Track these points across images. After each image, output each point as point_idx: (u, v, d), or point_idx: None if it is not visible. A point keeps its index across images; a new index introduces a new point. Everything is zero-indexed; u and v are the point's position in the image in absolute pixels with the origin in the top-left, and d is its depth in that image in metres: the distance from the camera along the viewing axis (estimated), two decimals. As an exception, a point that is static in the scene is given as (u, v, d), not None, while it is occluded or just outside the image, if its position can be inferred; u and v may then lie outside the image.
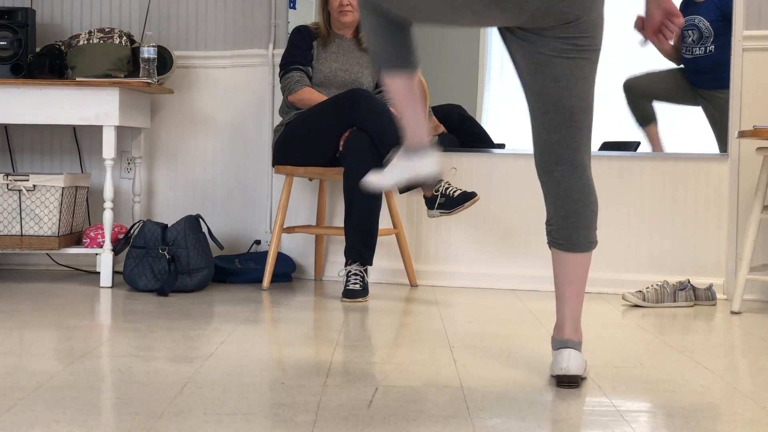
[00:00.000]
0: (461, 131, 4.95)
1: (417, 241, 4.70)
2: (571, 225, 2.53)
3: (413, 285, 4.61)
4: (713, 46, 4.73)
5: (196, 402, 2.29)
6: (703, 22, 4.70)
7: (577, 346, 2.52)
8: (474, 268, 4.67)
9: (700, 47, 4.74)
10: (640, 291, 4.13)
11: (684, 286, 4.16)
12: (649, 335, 3.40)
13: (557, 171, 2.54)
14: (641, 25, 2.59)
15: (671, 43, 2.58)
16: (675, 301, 4.13)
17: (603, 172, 4.60)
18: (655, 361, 2.92)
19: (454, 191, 3.99)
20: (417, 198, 4.63)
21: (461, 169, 4.67)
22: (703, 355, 3.03)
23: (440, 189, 4.01)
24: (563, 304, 2.55)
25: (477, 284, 4.64)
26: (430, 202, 4.03)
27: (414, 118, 2.64)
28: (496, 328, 3.46)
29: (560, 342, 2.53)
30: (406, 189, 2.48)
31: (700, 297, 4.20)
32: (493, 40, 5.02)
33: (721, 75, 4.78)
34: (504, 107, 5.06)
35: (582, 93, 2.49)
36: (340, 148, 4.17)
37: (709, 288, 4.24)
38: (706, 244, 4.54)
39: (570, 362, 2.48)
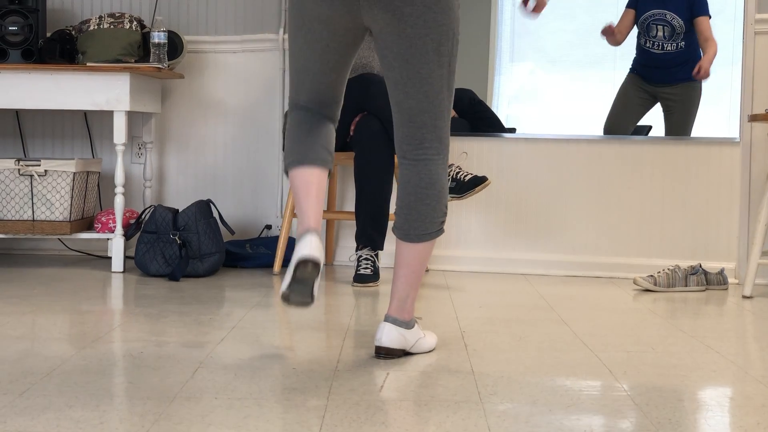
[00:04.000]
0: (472, 116, 4.94)
1: (428, 226, 4.69)
2: (404, 216, 2.62)
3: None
4: (683, 43, 4.75)
5: (208, 386, 2.30)
6: (676, 20, 4.72)
7: (397, 322, 2.63)
8: (485, 253, 4.67)
9: (671, 43, 4.76)
10: (652, 275, 4.13)
11: (695, 271, 4.15)
12: (660, 320, 3.40)
13: (402, 163, 2.63)
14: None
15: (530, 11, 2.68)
16: (686, 286, 4.13)
17: (614, 157, 4.59)
18: (666, 346, 2.92)
19: (465, 176, 3.99)
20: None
21: (472, 154, 4.66)
22: (714, 340, 3.03)
23: (451, 173, 4.01)
24: (394, 283, 2.65)
25: (488, 269, 4.64)
26: (441, 187, 4.03)
27: (302, 208, 2.59)
28: (507, 313, 3.46)
29: (385, 316, 2.65)
30: (293, 283, 2.38)
31: (711, 281, 4.19)
32: (504, 25, 5.00)
33: (692, 66, 4.80)
34: (515, 92, 5.05)
35: (421, 95, 2.56)
36: (351, 133, 4.17)
37: (721, 272, 4.23)
38: (718, 228, 4.53)
39: (383, 335, 2.63)
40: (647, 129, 4.91)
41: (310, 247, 2.44)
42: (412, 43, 2.52)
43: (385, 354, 2.63)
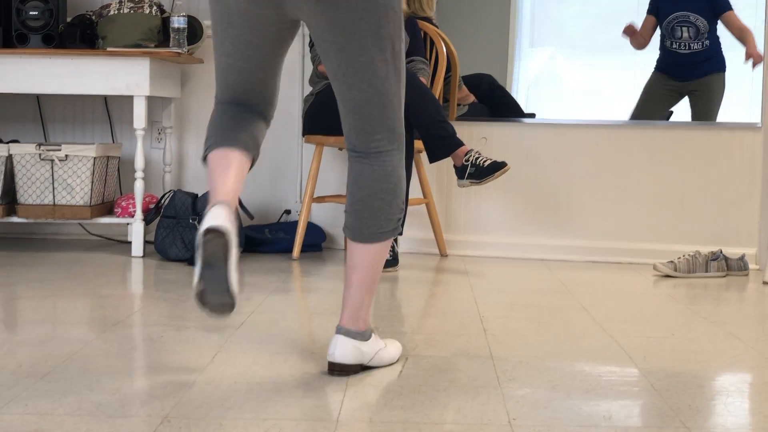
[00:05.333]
0: (491, 101, 4.93)
1: (447, 211, 4.70)
2: (355, 213, 2.32)
3: (443, 255, 4.61)
4: (708, 41, 4.83)
5: (227, 371, 2.31)
6: (700, 20, 4.81)
7: (350, 334, 2.32)
8: (504, 238, 4.66)
9: (697, 42, 4.84)
10: (672, 261, 4.11)
11: (716, 257, 4.13)
12: (680, 306, 3.39)
13: (352, 157, 2.36)
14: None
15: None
16: (707, 272, 4.11)
17: (635, 142, 4.57)
18: (686, 332, 2.91)
19: (485, 161, 3.98)
20: (447, 168, 4.62)
21: (491, 139, 4.65)
22: (734, 326, 3.02)
23: (470, 159, 4.00)
24: (346, 289, 2.35)
25: (507, 254, 4.63)
26: (460, 172, 4.03)
27: (214, 184, 2.28)
28: (526, 299, 3.46)
29: (337, 328, 2.35)
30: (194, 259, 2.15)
31: (732, 267, 4.18)
32: (524, 9, 4.98)
33: (715, 59, 4.90)
34: (535, 76, 5.03)
35: (364, 84, 2.27)
36: (370, 118, 4.16)
37: (742, 258, 4.21)
38: (739, 214, 4.50)
39: (335, 349, 2.31)
40: (668, 114, 4.89)
41: (214, 217, 2.11)
42: (346, 30, 2.23)
43: (339, 371, 2.31)
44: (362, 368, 2.34)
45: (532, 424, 1.93)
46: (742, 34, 4.87)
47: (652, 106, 4.98)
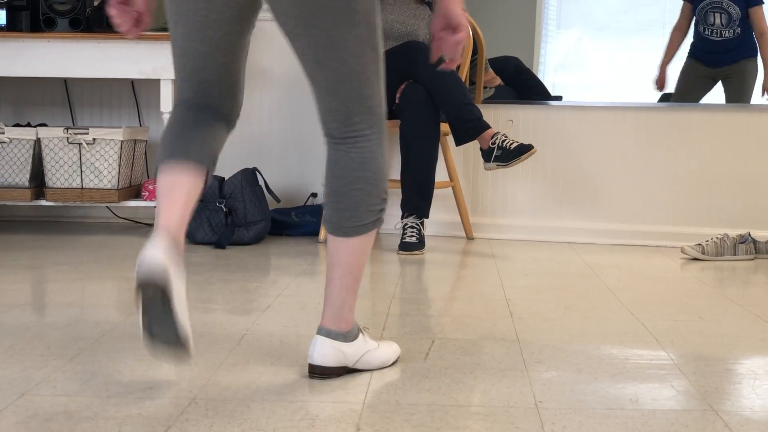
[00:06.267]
0: (518, 83, 4.91)
1: (473, 194, 4.69)
2: (333, 205, 2.11)
3: (469, 238, 4.60)
4: (740, 29, 4.85)
5: (254, 353, 2.32)
6: (732, 7, 4.85)
7: (332, 335, 2.13)
8: (530, 221, 4.65)
9: (729, 29, 4.88)
10: (700, 244, 4.09)
11: (744, 239, 4.11)
12: (708, 288, 3.37)
13: (329, 144, 2.15)
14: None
15: (445, 59, 2.16)
16: (735, 255, 4.09)
17: (663, 125, 4.55)
18: (713, 315, 2.90)
19: (511, 144, 3.97)
20: (474, 151, 4.61)
21: (518, 122, 4.64)
22: (763, 309, 3.00)
23: (497, 141, 3.99)
24: (327, 287, 2.16)
25: (533, 237, 4.62)
26: (487, 155, 4.02)
27: (159, 208, 2.06)
28: (553, 282, 3.45)
29: (318, 328, 2.17)
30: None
31: (760, 250, 4.15)
32: (550, -10, 4.95)
33: (746, 46, 4.95)
34: (561, 59, 5.01)
35: (337, 62, 2.05)
36: (396, 101, 4.16)
37: (770, 241, 4.19)
38: (767, 196, 4.47)
39: (315, 351, 2.14)
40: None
41: (149, 262, 1.87)
42: (315, 2, 2.02)
43: (319, 374, 2.13)
44: (347, 371, 2.18)
45: (559, 407, 1.93)
46: (761, 40, 4.94)
47: (687, 93, 4.99)
